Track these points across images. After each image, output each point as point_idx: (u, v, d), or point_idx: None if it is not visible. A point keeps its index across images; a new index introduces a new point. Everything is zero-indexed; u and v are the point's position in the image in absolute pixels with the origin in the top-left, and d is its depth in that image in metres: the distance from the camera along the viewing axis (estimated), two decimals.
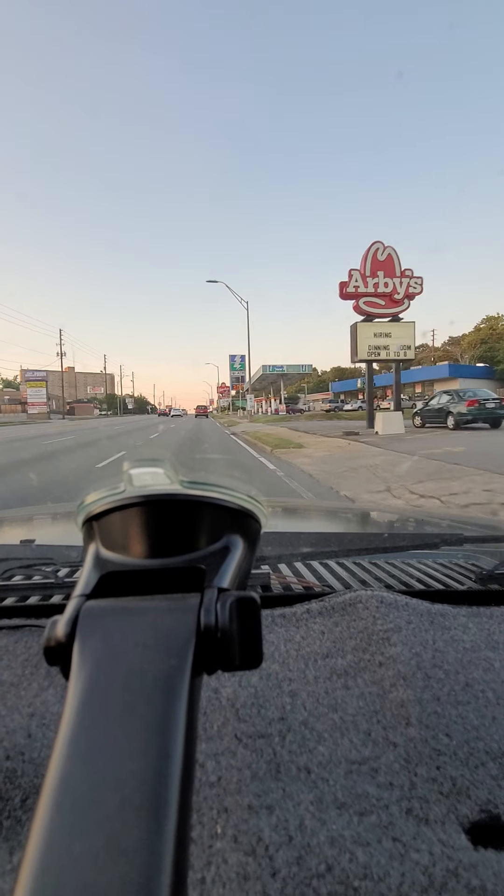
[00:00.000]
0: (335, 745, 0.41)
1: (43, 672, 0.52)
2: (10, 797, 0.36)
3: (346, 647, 0.55)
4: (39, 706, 0.46)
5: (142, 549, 0.28)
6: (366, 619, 0.59)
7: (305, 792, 0.37)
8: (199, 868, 0.31)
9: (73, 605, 0.26)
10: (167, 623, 0.24)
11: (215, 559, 0.28)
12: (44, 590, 0.68)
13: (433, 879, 0.30)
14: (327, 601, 0.65)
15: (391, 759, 0.40)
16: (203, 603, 0.25)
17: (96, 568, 0.28)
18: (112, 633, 0.24)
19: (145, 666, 0.23)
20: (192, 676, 0.23)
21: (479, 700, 0.46)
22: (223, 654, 0.24)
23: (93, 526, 0.30)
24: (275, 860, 0.31)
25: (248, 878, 0.30)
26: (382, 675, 0.49)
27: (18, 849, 0.33)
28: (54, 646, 0.24)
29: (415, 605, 0.62)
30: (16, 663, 0.53)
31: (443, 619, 0.60)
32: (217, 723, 0.44)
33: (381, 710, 0.45)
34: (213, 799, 0.36)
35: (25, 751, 0.40)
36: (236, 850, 0.32)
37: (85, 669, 0.23)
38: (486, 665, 0.52)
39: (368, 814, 0.35)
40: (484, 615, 0.63)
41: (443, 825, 0.34)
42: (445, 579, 0.74)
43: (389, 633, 0.55)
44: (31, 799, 0.36)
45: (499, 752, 0.41)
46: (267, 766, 0.39)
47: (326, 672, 0.51)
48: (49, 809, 0.19)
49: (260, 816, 0.35)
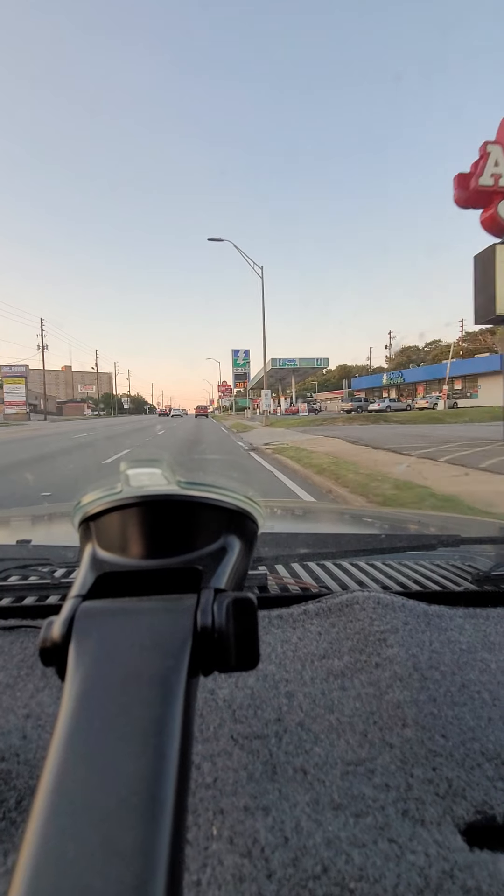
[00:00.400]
0: (331, 746, 0.41)
1: (39, 673, 0.51)
2: (5, 799, 0.36)
3: (343, 648, 0.55)
4: (35, 707, 0.46)
5: (138, 550, 0.28)
6: (363, 621, 0.59)
7: (302, 793, 0.37)
8: (194, 870, 0.31)
9: (70, 606, 0.25)
10: (164, 624, 0.24)
11: (212, 560, 0.28)
12: (40, 590, 0.68)
13: (429, 881, 0.30)
14: (324, 602, 0.65)
15: (387, 761, 0.40)
16: (200, 604, 0.25)
17: (93, 568, 0.28)
18: (108, 633, 0.24)
19: (141, 667, 0.23)
20: (189, 677, 0.23)
21: (475, 701, 0.46)
22: (220, 655, 0.24)
23: (89, 526, 0.30)
24: (271, 862, 0.31)
25: (244, 879, 0.30)
26: (379, 677, 0.49)
27: (13, 851, 0.32)
28: (50, 646, 0.24)
29: (411, 606, 0.62)
30: (11, 664, 0.53)
31: (439, 620, 0.60)
32: (213, 724, 0.44)
33: (377, 711, 0.45)
34: (209, 800, 0.36)
35: (21, 752, 0.40)
36: (232, 851, 0.32)
37: (81, 670, 0.23)
38: (482, 666, 0.52)
39: (364, 815, 0.35)
40: (480, 616, 0.63)
41: (439, 826, 0.34)
42: (442, 580, 0.75)
43: (386, 635, 0.55)
44: (27, 801, 0.36)
45: (494, 753, 0.41)
46: (263, 767, 0.39)
47: (323, 673, 0.51)
48: (44, 811, 0.19)
49: (256, 818, 0.35)
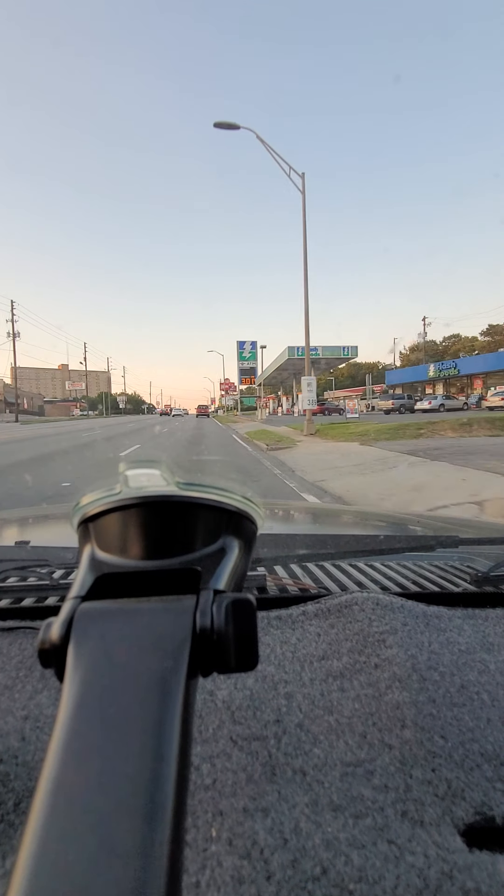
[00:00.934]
0: (331, 747, 0.41)
1: (37, 674, 0.51)
2: (4, 801, 0.36)
3: (342, 649, 0.55)
4: (33, 709, 0.46)
5: (137, 551, 0.28)
6: (361, 622, 0.59)
7: (301, 794, 0.37)
8: (193, 871, 0.31)
9: (68, 607, 0.25)
10: (162, 625, 0.24)
11: (211, 561, 0.28)
12: (39, 591, 0.68)
13: (428, 882, 0.30)
14: (323, 603, 0.65)
15: (386, 762, 0.40)
16: (199, 605, 0.25)
17: (91, 570, 0.28)
18: (107, 635, 0.24)
19: (140, 668, 0.22)
20: (188, 678, 0.23)
21: (474, 702, 0.46)
22: (219, 656, 0.24)
23: (88, 527, 0.29)
24: (270, 863, 0.31)
25: (243, 881, 0.30)
26: (378, 678, 0.49)
27: (12, 853, 0.32)
28: (49, 648, 0.24)
29: (410, 607, 0.62)
30: (10, 665, 0.53)
31: (438, 621, 0.60)
32: (212, 725, 0.44)
33: (376, 712, 0.45)
34: (208, 802, 0.36)
35: (19, 754, 0.40)
36: (231, 853, 0.32)
37: (79, 672, 0.23)
38: (481, 667, 0.52)
39: (364, 816, 0.35)
40: (479, 617, 0.63)
41: (438, 827, 0.34)
42: (441, 581, 0.75)
43: (385, 636, 0.55)
44: (25, 802, 0.36)
45: (493, 754, 0.41)
46: (262, 768, 0.39)
47: (322, 674, 0.51)
48: (43, 813, 0.19)
49: (255, 819, 0.35)
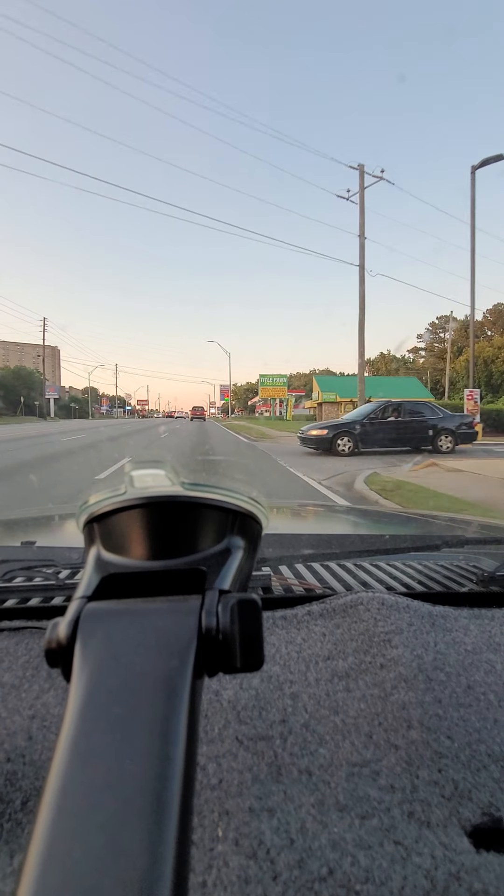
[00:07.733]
0: (336, 747, 0.41)
1: (44, 674, 0.52)
2: (11, 800, 0.36)
3: (348, 649, 0.55)
4: (40, 708, 0.46)
5: (143, 551, 0.28)
6: (367, 621, 0.59)
7: (307, 795, 0.37)
8: (200, 871, 0.31)
9: (75, 607, 0.25)
10: (168, 625, 0.24)
11: (216, 561, 0.28)
12: (45, 592, 0.68)
13: (435, 883, 0.30)
14: (328, 603, 0.65)
15: (393, 762, 0.40)
16: (204, 605, 0.25)
17: (97, 570, 0.28)
18: (113, 634, 0.24)
19: (146, 668, 0.23)
20: (194, 678, 0.23)
21: (480, 702, 0.46)
22: (224, 656, 0.24)
23: (94, 528, 0.30)
24: (276, 863, 0.31)
25: (250, 881, 0.30)
26: (384, 678, 0.49)
27: (19, 851, 0.33)
28: (55, 648, 0.24)
29: (416, 606, 0.62)
30: (17, 665, 0.53)
31: (444, 621, 0.60)
32: (218, 725, 0.44)
33: (382, 712, 0.45)
34: (214, 801, 0.36)
35: (26, 753, 0.40)
36: (237, 853, 0.32)
37: (86, 671, 0.23)
38: (487, 667, 0.52)
39: (370, 817, 0.35)
40: (485, 617, 0.62)
41: (445, 828, 0.34)
42: (446, 581, 0.74)
43: (391, 635, 0.55)
44: (32, 801, 0.36)
45: (501, 754, 0.40)
46: (268, 768, 0.39)
47: (328, 674, 0.51)
48: (50, 812, 0.19)
49: (261, 819, 0.35)
